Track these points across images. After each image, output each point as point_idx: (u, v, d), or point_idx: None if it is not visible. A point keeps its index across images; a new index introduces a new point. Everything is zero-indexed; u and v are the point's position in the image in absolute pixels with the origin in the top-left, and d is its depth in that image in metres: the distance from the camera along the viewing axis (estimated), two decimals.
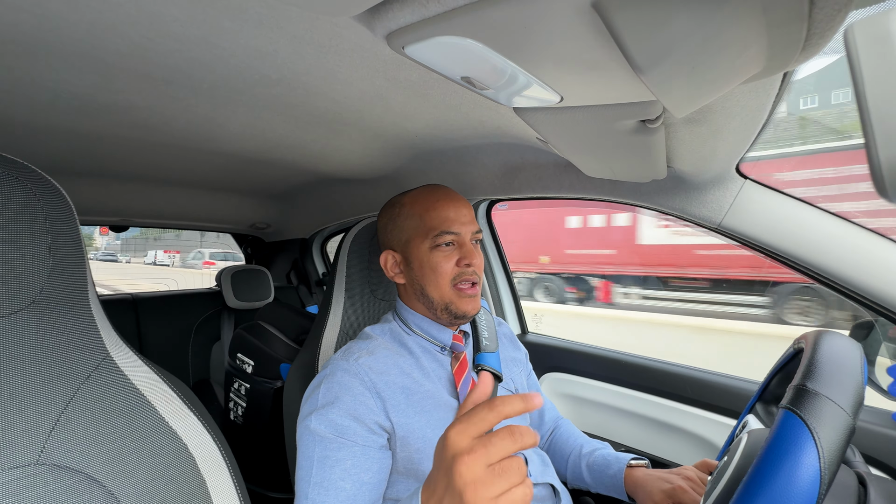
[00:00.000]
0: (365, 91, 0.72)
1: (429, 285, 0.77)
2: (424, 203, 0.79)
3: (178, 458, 0.54)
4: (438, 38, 0.40)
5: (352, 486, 0.63)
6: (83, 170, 1.24)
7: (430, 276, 0.76)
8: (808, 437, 0.42)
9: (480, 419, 0.41)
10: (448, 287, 0.76)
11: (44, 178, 0.50)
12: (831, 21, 0.33)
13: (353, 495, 0.62)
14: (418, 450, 0.69)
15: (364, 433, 0.66)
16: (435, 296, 0.77)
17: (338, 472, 0.63)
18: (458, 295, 0.77)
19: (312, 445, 0.65)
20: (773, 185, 0.87)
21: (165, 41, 0.55)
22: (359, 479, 0.64)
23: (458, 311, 0.77)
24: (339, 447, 0.64)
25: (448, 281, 0.76)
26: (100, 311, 0.56)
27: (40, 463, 0.46)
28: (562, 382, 1.38)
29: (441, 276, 0.76)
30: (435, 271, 0.76)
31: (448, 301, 0.77)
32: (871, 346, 0.86)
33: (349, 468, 0.63)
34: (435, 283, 0.76)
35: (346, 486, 0.62)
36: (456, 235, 0.77)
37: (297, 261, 2.26)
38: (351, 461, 0.64)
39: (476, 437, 0.40)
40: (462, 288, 0.77)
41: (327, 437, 0.65)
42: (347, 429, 0.65)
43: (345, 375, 0.69)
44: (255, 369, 1.41)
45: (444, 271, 0.76)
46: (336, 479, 0.62)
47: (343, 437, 0.65)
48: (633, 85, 0.47)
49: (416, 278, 0.78)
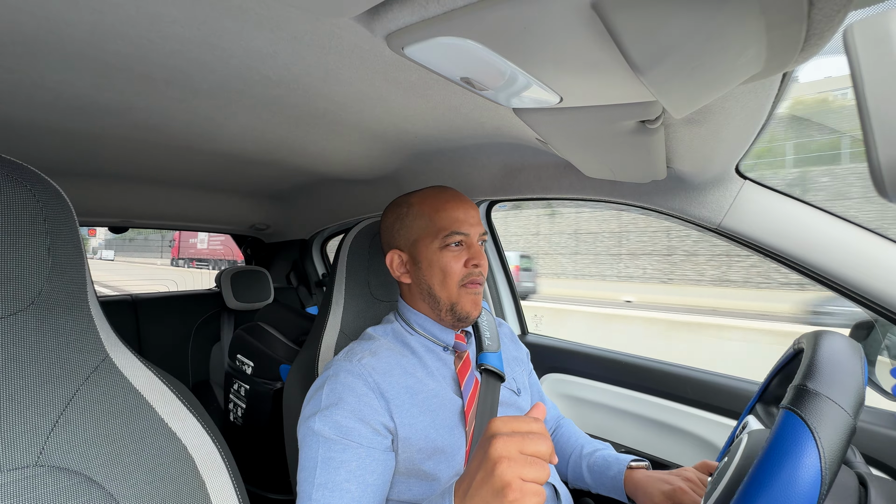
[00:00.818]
0: (365, 92, 0.72)
1: (437, 285, 0.77)
2: (434, 203, 0.79)
3: (178, 460, 0.54)
4: (438, 39, 0.40)
5: (357, 487, 0.62)
6: (83, 170, 1.24)
7: (439, 275, 0.77)
8: (808, 438, 0.42)
9: (525, 421, 0.48)
10: (456, 287, 0.77)
11: (43, 180, 0.50)
12: (830, 21, 0.33)
13: (357, 497, 0.62)
14: (420, 450, 0.69)
15: (369, 434, 0.66)
16: (443, 295, 0.78)
17: (343, 473, 0.63)
18: (463, 295, 0.77)
19: (316, 447, 0.64)
20: (773, 185, 0.87)
21: (165, 42, 0.55)
22: (364, 481, 0.63)
23: (462, 312, 0.78)
24: (344, 449, 0.64)
25: (457, 281, 0.77)
26: (99, 313, 0.56)
27: (39, 464, 0.46)
28: (562, 383, 1.38)
29: (450, 277, 0.77)
30: (444, 271, 0.77)
31: (455, 301, 0.77)
32: (871, 346, 0.86)
33: (354, 470, 0.63)
34: (443, 283, 0.77)
35: (352, 488, 0.62)
36: (465, 236, 0.78)
37: (296, 262, 2.26)
38: (356, 462, 0.64)
39: (516, 430, 0.47)
40: (469, 286, 0.78)
41: (331, 439, 0.64)
42: (352, 430, 0.65)
43: (348, 377, 0.69)
44: (255, 370, 1.41)
45: (454, 271, 0.77)
46: (341, 480, 0.62)
47: (348, 439, 0.65)
48: (633, 85, 0.47)
49: (423, 278, 0.79)
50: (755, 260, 11.35)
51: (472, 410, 0.76)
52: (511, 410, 0.83)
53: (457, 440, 0.72)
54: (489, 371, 0.82)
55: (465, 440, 0.73)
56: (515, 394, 0.86)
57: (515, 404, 0.84)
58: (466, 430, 0.74)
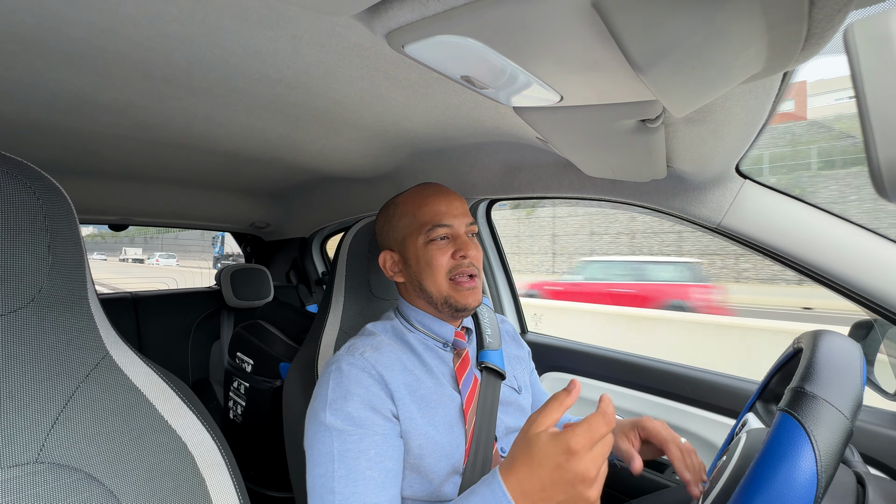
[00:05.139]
0: (365, 90, 0.72)
1: (426, 280, 0.77)
2: (416, 200, 0.80)
3: (178, 457, 0.54)
4: (438, 37, 0.40)
5: (379, 474, 0.63)
6: (83, 169, 1.24)
7: (427, 270, 0.77)
8: (805, 441, 0.42)
9: (598, 426, 0.48)
10: (444, 280, 0.77)
11: (43, 177, 0.50)
12: (831, 21, 0.33)
13: (381, 483, 0.63)
14: (420, 445, 0.69)
15: (382, 422, 0.67)
16: (433, 290, 0.77)
17: (363, 462, 0.63)
18: (455, 288, 0.77)
19: (329, 441, 0.64)
20: (773, 185, 0.87)
21: (165, 40, 0.55)
22: (384, 467, 0.64)
23: (458, 305, 0.77)
24: (360, 438, 0.64)
25: (444, 274, 0.76)
26: (99, 310, 0.56)
27: (40, 461, 0.46)
28: (561, 382, 1.38)
29: (437, 270, 0.76)
30: (430, 265, 0.76)
31: (446, 295, 0.77)
32: (870, 346, 0.86)
33: (373, 457, 0.64)
34: (432, 278, 0.77)
35: (374, 475, 0.63)
36: (449, 228, 0.77)
37: (296, 260, 2.26)
38: (374, 450, 0.64)
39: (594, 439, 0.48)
40: (460, 281, 0.77)
41: (346, 431, 0.65)
42: (366, 419, 0.66)
43: (352, 369, 0.70)
44: (255, 368, 1.41)
45: (440, 265, 0.76)
46: (362, 469, 0.63)
47: (363, 428, 0.65)
48: (633, 84, 0.47)
49: (413, 275, 0.79)
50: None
51: (471, 408, 0.76)
52: (511, 409, 0.83)
53: (456, 437, 0.72)
54: (490, 369, 0.82)
55: (465, 438, 0.73)
56: (516, 391, 0.86)
57: (516, 402, 0.84)
58: (466, 427, 0.74)
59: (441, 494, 0.70)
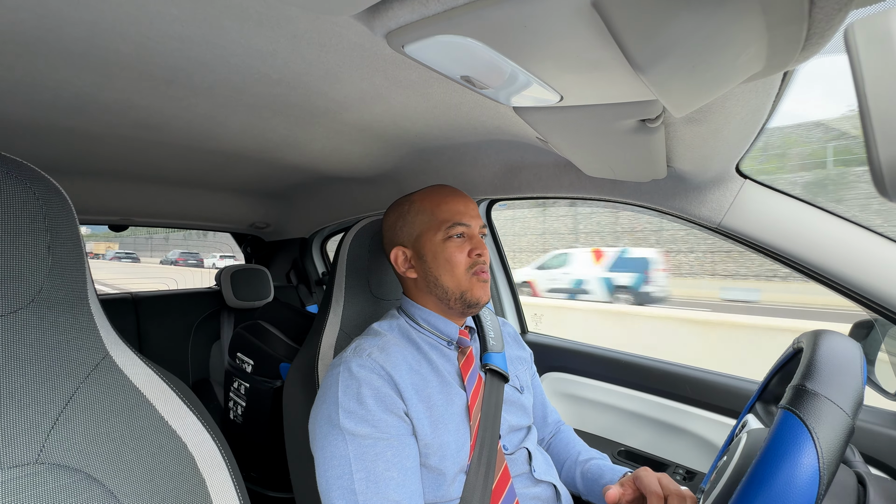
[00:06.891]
0: (365, 90, 0.72)
1: (444, 275, 0.79)
2: (435, 198, 0.82)
3: (178, 458, 0.54)
4: (438, 37, 0.40)
5: (398, 474, 0.64)
6: (83, 169, 1.24)
7: (446, 265, 0.79)
8: (807, 438, 0.42)
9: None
10: (464, 274, 0.79)
11: (43, 177, 0.50)
12: (831, 21, 0.33)
13: (402, 482, 0.64)
14: (427, 444, 0.70)
15: (396, 423, 0.67)
16: (451, 285, 0.79)
17: (381, 464, 0.64)
18: (473, 282, 0.79)
19: (344, 445, 0.65)
20: (773, 184, 0.87)
21: (166, 41, 0.55)
22: (403, 466, 0.65)
23: (472, 299, 0.79)
24: (376, 441, 0.65)
25: (464, 269, 0.79)
26: (99, 311, 0.56)
27: (40, 462, 0.46)
28: (562, 382, 1.38)
29: (456, 266, 0.79)
30: (450, 261, 0.79)
31: (464, 289, 0.79)
32: (870, 346, 0.86)
33: (391, 458, 0.64)
34: (451, 273, 0.79)
35: (394, 475, 0.63)
36: (467, 227, 0.80)
37: (296, 260, 2.26)
38: (391, 452, 0.65)
39: None
40: (478, 272, 0.80)
41: (361, 435, 0.65)
42: (380, 421, 0.66)
43: (361, 370, 0.70)
44: (255, 369, 1.41)
45: (459, 261, 0.79)
46: (382, 470, 0.63)
47: (378, 431, 0.65)
48: (633, 84, 0.47)
49: (429, 270, 0.80)
50: None
51: (475, 407, 0.76)
52: (514, 407, 0.84)
53: (461, 436, 0.73)
54: (493, 371, 0.83)
55: (470, 436, 0.74)
56: (518, 391, 0.87)
57: (518, 402, 0.85)
58: (471, 425, 0.74)
59: (447, 494, 0.70)
